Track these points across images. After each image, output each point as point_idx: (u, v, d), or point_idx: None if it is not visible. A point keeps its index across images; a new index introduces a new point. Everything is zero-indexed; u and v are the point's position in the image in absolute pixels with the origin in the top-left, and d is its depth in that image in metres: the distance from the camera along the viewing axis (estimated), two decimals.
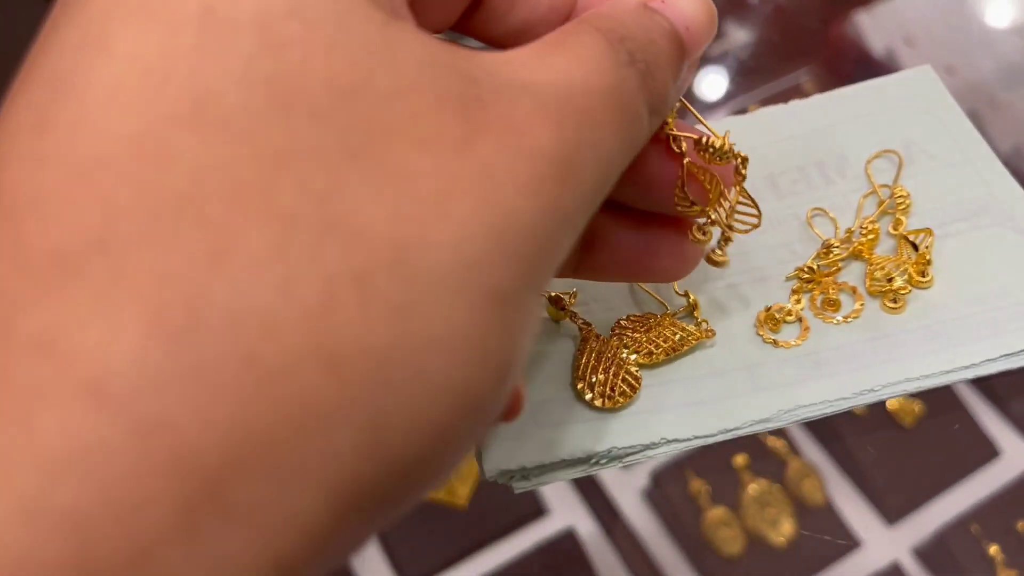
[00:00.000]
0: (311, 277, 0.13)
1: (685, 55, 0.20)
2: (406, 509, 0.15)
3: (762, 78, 0.65)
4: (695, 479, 0.49)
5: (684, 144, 0.22)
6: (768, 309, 0.25)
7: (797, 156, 0.29)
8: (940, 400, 0.50)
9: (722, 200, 0.22)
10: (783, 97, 0.64)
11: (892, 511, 0.47)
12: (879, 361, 0.24)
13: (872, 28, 0.65)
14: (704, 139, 0.22)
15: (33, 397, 0.12)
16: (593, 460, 0.24)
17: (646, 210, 0.23)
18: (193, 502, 0.12)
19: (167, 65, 0.13)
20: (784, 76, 0.65)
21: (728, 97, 0.64)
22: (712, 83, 0.68)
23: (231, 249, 0.13)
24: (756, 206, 0.23)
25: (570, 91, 0.17)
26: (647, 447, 0.24)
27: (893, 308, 0.25)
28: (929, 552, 0.46)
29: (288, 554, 0.13)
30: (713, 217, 0.22)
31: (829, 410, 0.24)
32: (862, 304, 0.25)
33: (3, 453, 0.11)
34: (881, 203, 0.28)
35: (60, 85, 0.14)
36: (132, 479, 0.12)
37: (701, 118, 0.23)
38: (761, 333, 0.25)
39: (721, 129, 0.31)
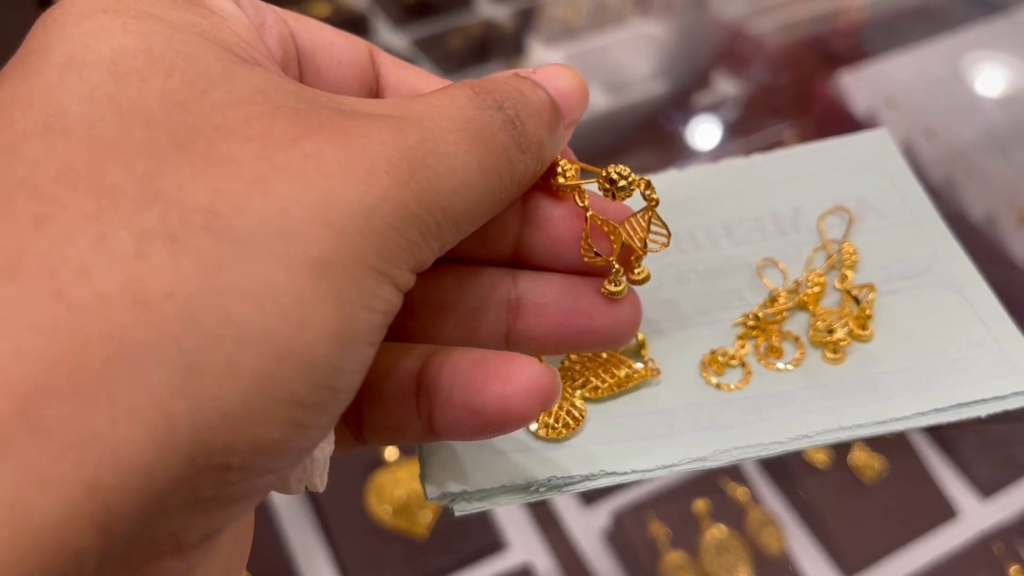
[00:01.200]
0: (125, 233, 0.15)
1: (559, 115, 0.22)
2: (260, 470, 0.16)
3: (748, 131, 0.66)
4: (655, 522, 0.49)
5: (586, 198, 0.23)
6: (713, 352, 0.26)
7: (754, 206, 0.30)
8: (902, 457, 0.51)
9: (634, 227, 0.23)
10: (766, 150, 0.65)
11: (849, 565, 0.48)
12: (816, 409, 0.25)
13: (856, 89, 0.66)
14: (604, 173, 0.23)
15: None
16: (534, 488, 0.24)
17: (565, 271, 0.24)
18: (3, 418, 0.13)
19: (29, 98, 0.16)
20: (768, 129, 0.66)
21: (716, 147, 0.66)
22: (701, 133, 0.70)
23: (54, 214, 0.15)
24: (666, 227, 0.24)
25: (420, 116, 0.19)
26: (587, 478, 0.24)
27: (833, 359, 0.26)
28: None
29: (103, 480, 0.14)
30: (625, 239, 0.23)
31: (764, 452, 0.24)
32: (803, 353, 0.26)
33: None
34: (830, 257, 0.29)
35: None
36: None
37: (591, 167, 0.24)
38: (705, 375, 0.26)
39: (688, 177, 0.32)
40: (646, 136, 0.70)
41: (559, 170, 0.23)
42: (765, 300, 0.27)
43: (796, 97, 0.70)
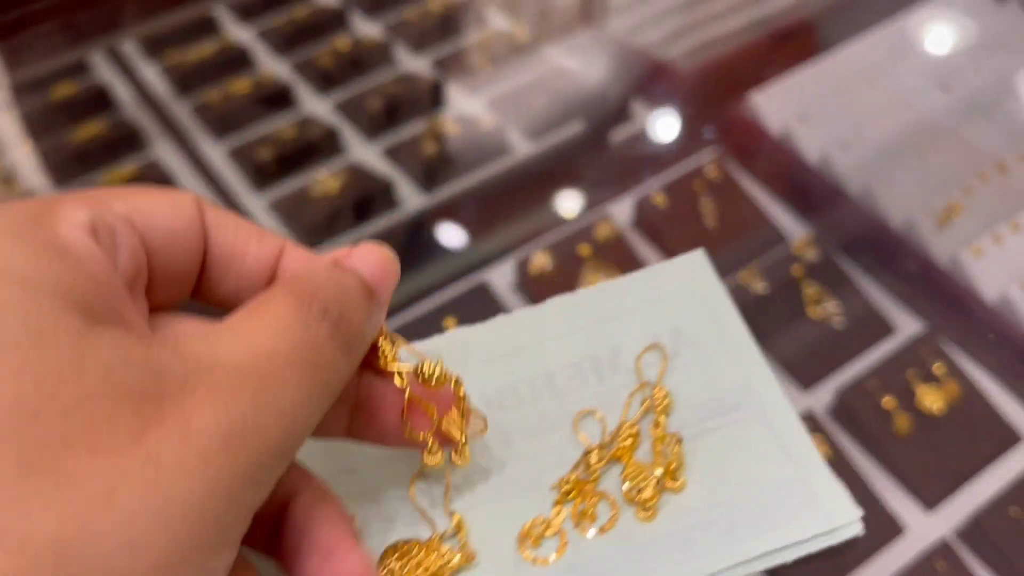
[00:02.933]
0: None
1: (375, 297, 0.23)
2: None
3: (667, 162, 0.66)
4: None
5: (405, 379, 0.24)
6: (532, 522, 0.26)
7: (574, 351, 0.30)
8: None
9: (453, 419, 0.24)
10: (687, 180, 0.65)
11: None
12: (627, 573, 0.25)
13: (768, 108, 0.66)
14: (419, 366, 0.24)
15: None
16: None
17: (394, 445, 0.25)
18: None
19: None
20: (688, 158, 0.66)
21: (635, 183, 0.65)
22: (618, 168, 0.69)
23: None
24: (482, 417, 0.25)
25: (254, 360, 0.19)
26: None
27: (645, 516, 0.26)
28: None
29: None
30: (444, 430, 0.24)
31: None
32: (616, 514, 0.26)
33: None
34: (644, 401, 0.28)
35: None
36: None
37: (414, 349, 0.25)
38: (522, 551, 0.26)
39: (510, 322, 0.31)
40: (567, 180, 0.70)
41: (380, 351, 0.24)
42: (579, 460, 0.27)
43: (713, 121, 0.69)
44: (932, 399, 0.52)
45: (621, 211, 0.65)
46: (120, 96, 0.84)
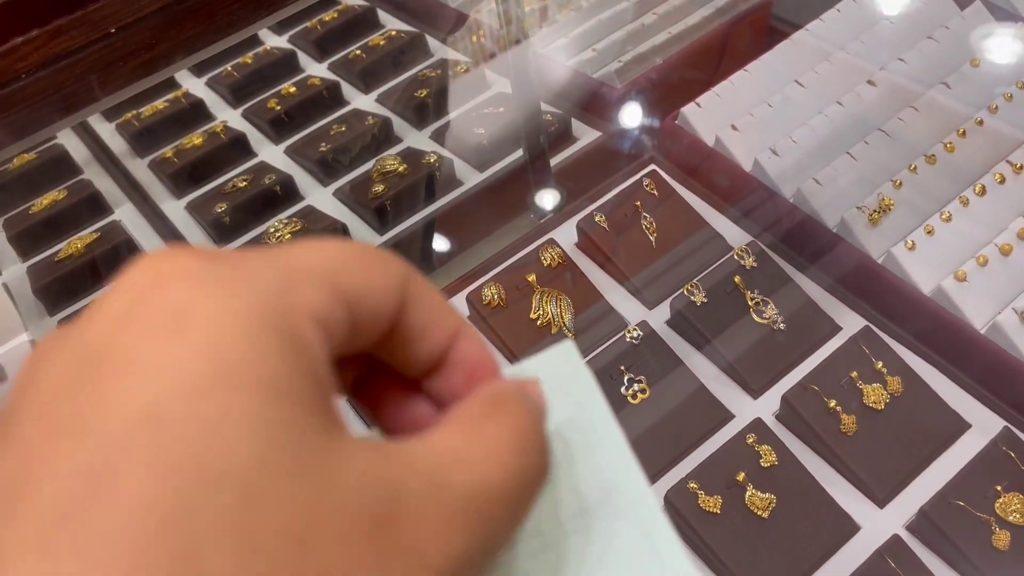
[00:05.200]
0: None
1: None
2: None
3: (604, 180, 0.66)
4: None
5: None
6: None
7: None
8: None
9: None
10: (629, 193, 0.64)
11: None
12: None
13: (700, 119, 0.65)
14: None
15: None
16: None
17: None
18: None
19: (154, 513, 0.16)
20: (627, 175, 0.66)
21: (577, 205, 0.65)
22: (557, 190, 0.69)
23: None
24: None
25: (478, 493, 0.19)
26: None
27: None
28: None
29: None
30: None
31: None
32: None
33: None
34: None
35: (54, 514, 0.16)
36: None
37: None
38: None
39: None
40: (514, 207, 0.70)
41: None
42: None
43: (648, 137, 0.69)
44: (876, 396, 0.52)
45: (566, 234, 0.64)
46: (79, 156, 0.84)
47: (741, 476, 0.50)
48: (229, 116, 0.86)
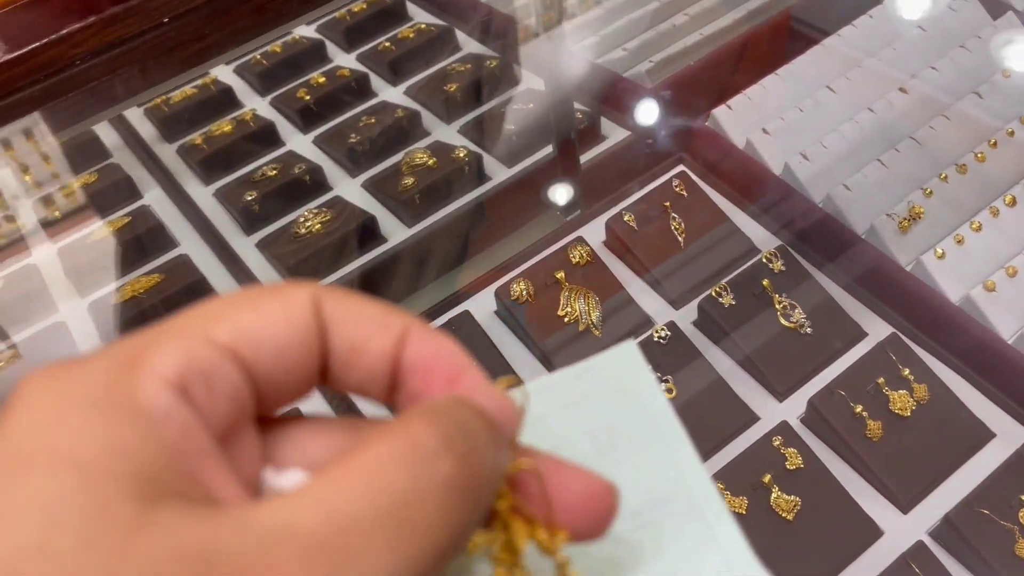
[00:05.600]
0: None
1: (501, 439, 0.21)
2: None
3: (633, 179, 0.66)
4: None
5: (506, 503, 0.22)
6: None
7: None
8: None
9: None
10: (658, 194, 0.64)
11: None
12: None
13: (731, 121, 0.65)
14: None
15: None
16: None
17: None
18: None
19: None
20: (656, 175, 0.66)
21: (605, 203, 0.65)
22: (588, 190, 0.69)
23: None
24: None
25: (334, 529, 0.17)
26: None
27: None
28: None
29: None
30: None
31: None
32: None
33: None
34: None
35: None
36: None
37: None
38: None
39: None
40: (542, 203, 0.70)
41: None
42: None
43: (679, 137, 0.69)
44: (902, 403, 0.52)
45: (594, 233, 0.64)
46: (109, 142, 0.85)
47: (767, 478, 0.50)
48: (258, 104, 0.86)
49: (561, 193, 0.70)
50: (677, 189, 0.64)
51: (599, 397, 0.30)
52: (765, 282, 0.58)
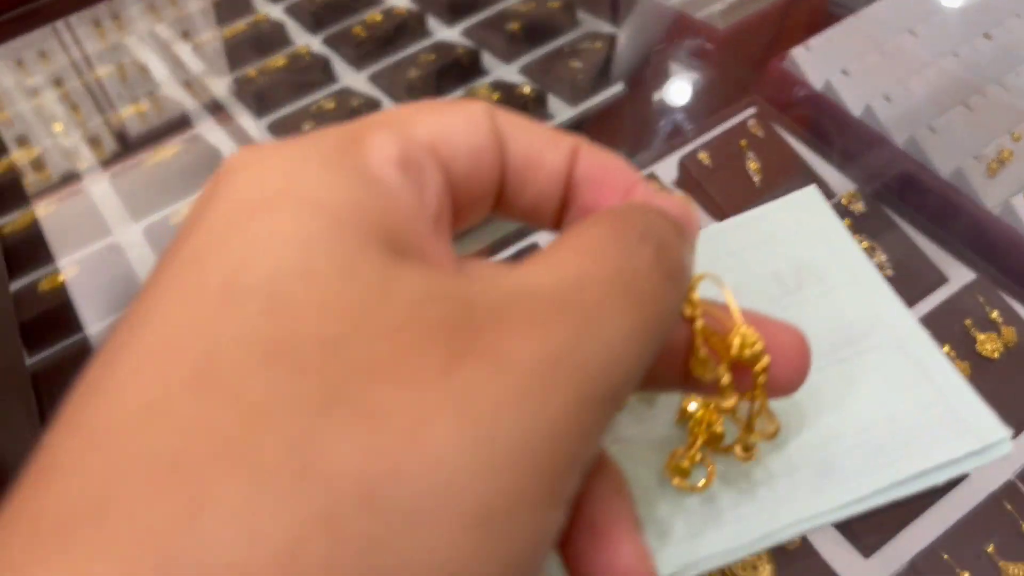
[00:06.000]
0: (279, 524, 0.13)
1: (686, 238, 0.21)
2: None
3: (706, 119, 0.64)
4: None
5: (697, 310, 0.21)
6: (675, 454, 0.25)
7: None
8: None
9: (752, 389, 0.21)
10: (732, 136, 0.63)
11: (867, 546, 0.47)
12: (774, 500, 0.24)
13: (809, 62, 0.64)
14: (734, 332, 0.21)
15: None
16: None
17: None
18: None
19: (182, 336, 0.15)
20: (730, 115, 0.64)
21: (678, 142, 0.64)
22: (659, 126, 0.68)
23: (206, 504, 0.13)
24: (774, 418, 0.22)
25: (574, 287, 0.17)
26: None
27: (769, 435, 0.24)
28: None
29: None
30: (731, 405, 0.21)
31: (729, 559, 0.23)
32: (749, 440, 0.25)
33: None
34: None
35: (106, 363, 0.16)
36: None
37: (731, 299, 0.22)
38: (673, 481, 0.24)
39: None
40: (610, 143, 0.68)
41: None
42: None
43: (753, 77, 0.67)
44: (991, 345, 0.50)
45: (666, 171, 0.63)
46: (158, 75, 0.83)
47: None
48: (310, 41, 0.84)
49: (631, 131, 0.69)
50: (752, 130, 0.63)
51: (782, 239, 0.28)
52: (846, 221, 0.56)
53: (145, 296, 0.16)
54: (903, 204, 0.58)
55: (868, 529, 0.48)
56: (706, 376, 0.21)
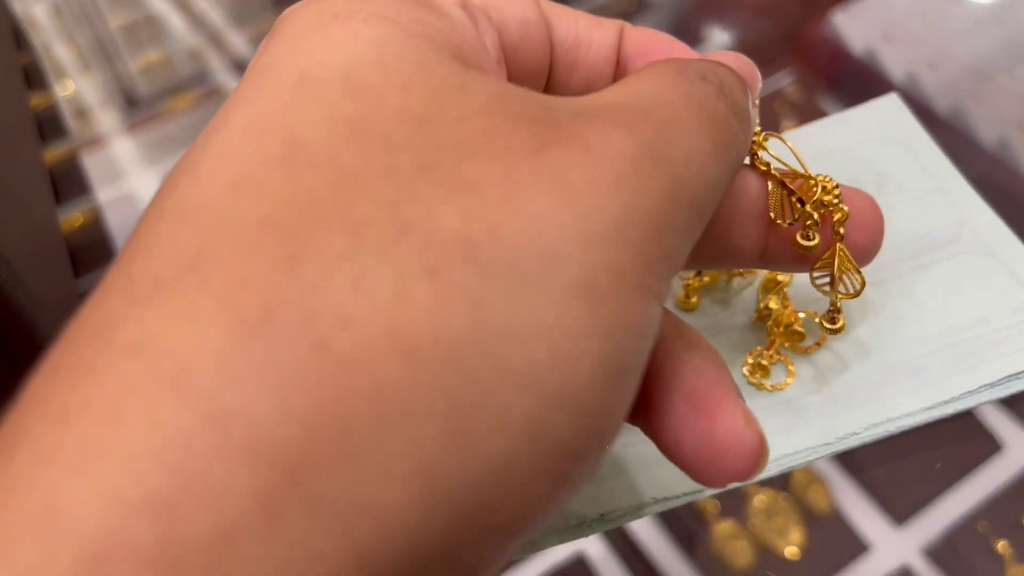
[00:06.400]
0: (383, 273, 0.13)
1: (747, 86, 0.21)
2: (521, 529, 0.14)
3: None
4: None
5: (766, 158, 0.20)
6: (753, 353, 0.24)
7: None
8: None
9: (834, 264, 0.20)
10: (767, 103, 0.62)
11: (900, 513, 0.46)
12: (864, 399, 0.23)
13: (850, 27, 0.63)
14: (813, 183, 0.20)
15: (124, 394, 0.12)
16: (584, 525, 0.22)
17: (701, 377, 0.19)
18: (272, 490, 0.12)
19: (265, 123, 0.15)
20: (768, 80, 0.63)
21: None
22: None
23: (306, 255, 0.13)
24: (858, 271, 0.21)
25: (650, 102, 0.17)
26: (640, 507, 0.22)
27: (835, 329, 0.23)
28: (938, 551, 0.45)
29: (372, 551, 0.12)
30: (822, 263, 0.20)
31: (812, 456, 0.23)
32: (825, 341, 0.24)
33: (95, 444, 0.12)
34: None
35: (190, 158, 0.16)
36: (213, 467, 0.12)
37: (793, 150, 0.21)
38: (753, 381, 0.24)
39: None
40: None
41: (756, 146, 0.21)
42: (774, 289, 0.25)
43: (790, 43, 0.66)
44: None
45: None
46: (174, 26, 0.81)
47: None
48: None
49: None
50: (790, 96, 0.62)
51: (863, 146, 0.28)
52: None
53: (225, 102, 0.17)
54: None
55: (901, 493, 0.47)
56: (786, 221, 0.20)
